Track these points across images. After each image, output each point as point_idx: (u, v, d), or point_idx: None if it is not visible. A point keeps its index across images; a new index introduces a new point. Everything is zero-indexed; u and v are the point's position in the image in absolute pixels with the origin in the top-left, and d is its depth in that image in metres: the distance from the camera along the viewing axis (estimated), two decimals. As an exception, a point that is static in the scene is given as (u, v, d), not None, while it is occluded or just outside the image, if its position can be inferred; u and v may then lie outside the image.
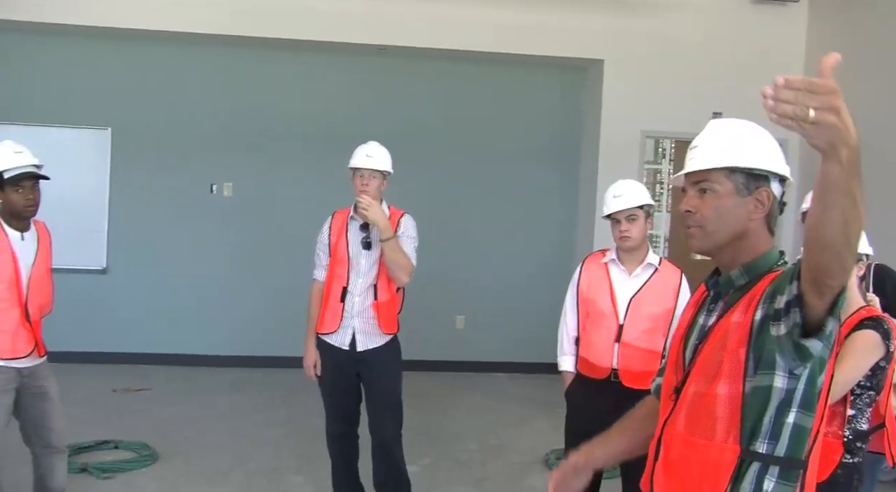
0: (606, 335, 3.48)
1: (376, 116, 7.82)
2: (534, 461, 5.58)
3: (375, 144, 4.15)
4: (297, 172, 7.96)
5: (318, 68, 8.00)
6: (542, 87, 8.26)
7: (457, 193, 8.14)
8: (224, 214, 7.95)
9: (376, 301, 4.09)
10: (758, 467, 1.75)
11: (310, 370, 4.20)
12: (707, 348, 1.83)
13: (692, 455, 1.82)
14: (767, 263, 1.84)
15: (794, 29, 7.82)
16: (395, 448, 4.17)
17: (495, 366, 8.16)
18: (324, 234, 4.22)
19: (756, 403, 1.73)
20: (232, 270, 7.97)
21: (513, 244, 8.25)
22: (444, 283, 7.63)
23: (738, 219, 1.84)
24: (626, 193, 3.51)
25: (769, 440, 1.74)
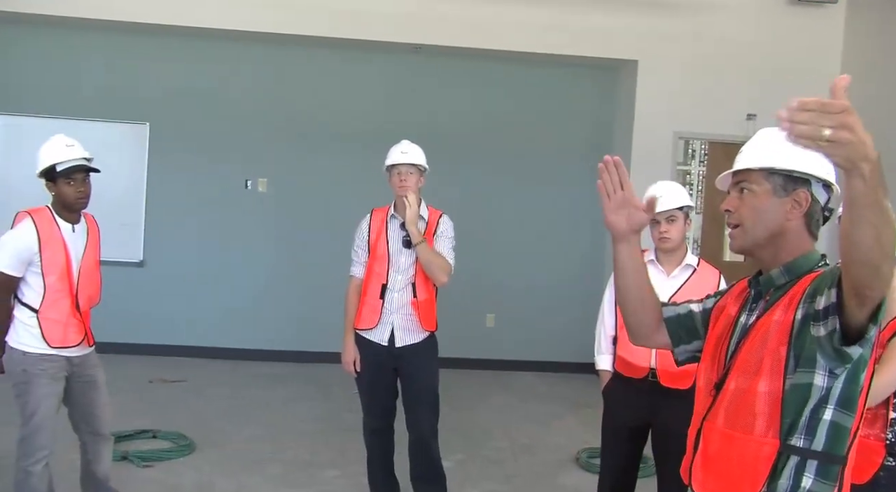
0: (645, 335, 3.51)
1: (409, 115, 7.89)
2: (564, 459, 5.62)
3: (408, 141, 4.22)
4: (331, 169, 8.05)
5: (353, 66, 8.08)
6: (576, 88, 8.29)
7: (489, 192, 8.19)
8: (258, 209, 8.05)
9: (415, 299, 4.15)
10: (796, 461, 1.78)
11: (349, 366, 4.26)
12: (748, 346, 1.88)
13: (731, 449, 1.86)
14: (808, 264, 1.89)
15: (830, 30, 7.78)
16: (433, 443, 4.24)
17: (524, 364, 8.21)
18: (363, 231, 4.27)
19: (796, 399, 1.78)
20: (267, 266, 8.08)
21: (544, 244, 8.29)
22: (475, 281, 7.68)
23: (776, 218, 1.88)
24: (667, 195, 3.53)
25: (806, 435, 1.78)
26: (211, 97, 7.96)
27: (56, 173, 3.64)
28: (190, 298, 8.00)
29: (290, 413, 6.34)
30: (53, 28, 7.66)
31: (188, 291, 8.00)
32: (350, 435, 5.11)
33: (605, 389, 3.72)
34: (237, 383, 7.16)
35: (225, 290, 8.04)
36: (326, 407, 6.47)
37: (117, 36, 7.78)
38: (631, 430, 3.60)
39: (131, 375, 6.97)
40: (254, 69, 8.01)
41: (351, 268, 4.32)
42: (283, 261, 8.08)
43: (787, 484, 1.79)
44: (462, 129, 8.14)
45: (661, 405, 3.46)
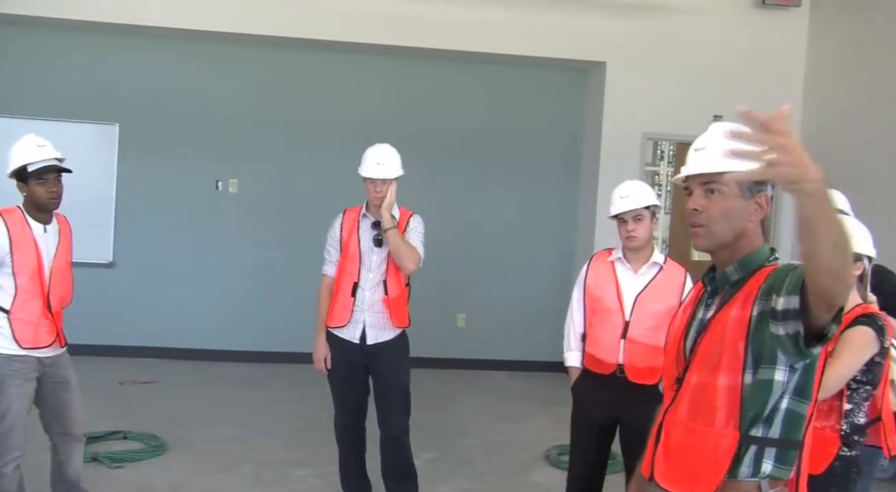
0: (613, 332, 3.58)
1: (382, 116, 7.94)
2: (536, 457, 5.69)
3: (385, 148, 4.20)
4: (303, 170, 8.07)
5: (325, 67, 8.11)
6: (545, 89, 8.37)
7: (458, 192, 8.25)
8: (229, 210, 8.06)
9: (387, 297, 4.20)
10: (755, 449, 1.87)
11: (320, 364, 4.30)
12: (706, 341, 1.95)
13: (693, 441, 1.93)
14: (759, 259, 1.96)
15: (795, 33, 7.95)
16: (404, 440, 4.29)
17: (496, 364, 8.28)
18: (335, 230, 4.32)
19: (758, 394, 1.85)
20: (238, 267, 8.08)
21: (513, 243, 8.36)
22: (446, 281, 7.74)
23: (741, 220, 1.95)
24: (633, 194, 3.60)
25: (764, 424, 1.86)
26: (181, 98, 7.96)
27: (27, 173, 3.65)
28: (160, 299, 7.98)
29: (263, 413, 6.35)
30: (22, 29, 7.61)
31: (159, 293, 7.99)
32: (322, 434, 5.13)
33: (574, 385, 3.78)
34: (209, 384, 7.16)
35: (196, 291, 8.03)
36: (298, 407, 6.50)
37: (87, 37, 7.76)
38: (600, 426, 3.66)
39: (101, 376, 6.94)
40: (225, 70, 8.02)
41: (323, 266, 4.36)
42: (255, 262, 8.08)
43: (748, 471, 1.87)
44: (434, 129, 8.20)
45: (629, 401, 3.52)
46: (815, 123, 7.76)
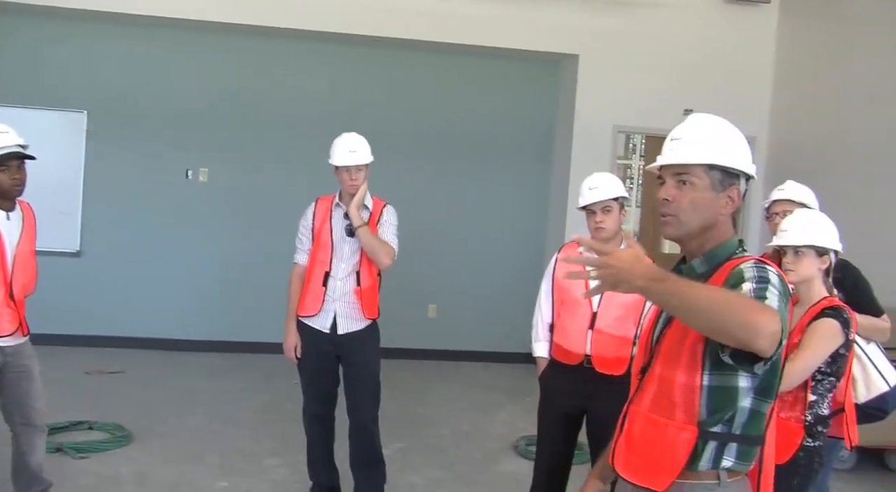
0: (580, 322, 3.58)
1: (353, 105, 7.90)
2: (504, 447, 5.70)
3: (354, 136, 4.20)
4: (275, 160, 8.00)
5: (295, 57, 8.04)
6: (518, 81, 8.36)
7: (429, 183, 8.22)
8: (199, 199, 7.97)
9: (359, 287, 4.18)
10: (715, 445, 1.87)
11: (290, 352, 4.27)
12: (670, 334, 1.94)
13: (654, 432, 1.93)
14: (727, 252, 1.96)
15: (764, 29, 8.00)
16: (373, 430, 4.27)
17: (466, 354, 8.28)
18: (307, 219, 4.29)
19: (720, 398, 1.85)
20: (208, 256, 8.01)
21: (484, 235, 8.36)
22: (417, 272, 7.71)
23: (711, 212, 1.94)
24: (602, 185, 3.61)
25: (724, 423, 1.86)
26: (151, 86, 7.85)
27: (-11, 160, 3.58)
28: (129, 288, 7.89)
29: (232, 403, 6.30)
30: (-13, 12, 7.47)
31: (127, 282, 7.89)
32: (291, 424, 5.10)
33: (542, 375, 3.77)
34: (178, 374, 7.09)
35: (165, 281, 7.95)
36: (268, 397, 6.45)
37: (54, 23, 7.63)
38: (567, 416, 3.66)
39: (68, 367, 6.86)
40: (196, 59, 7.92)
41: (295, 255, 4.33)
42: (225, 251, 8.01)
43: (707, 465, 1.87)
44: (405, 121, 8.16)
45: (596, 391, 3.52)
46: (783, 117, 7.82)
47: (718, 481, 1.89)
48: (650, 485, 1.91)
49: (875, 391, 3.25)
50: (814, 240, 3.02)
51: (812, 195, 3.74)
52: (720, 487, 1.89)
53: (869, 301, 3.58)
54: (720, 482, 1.89)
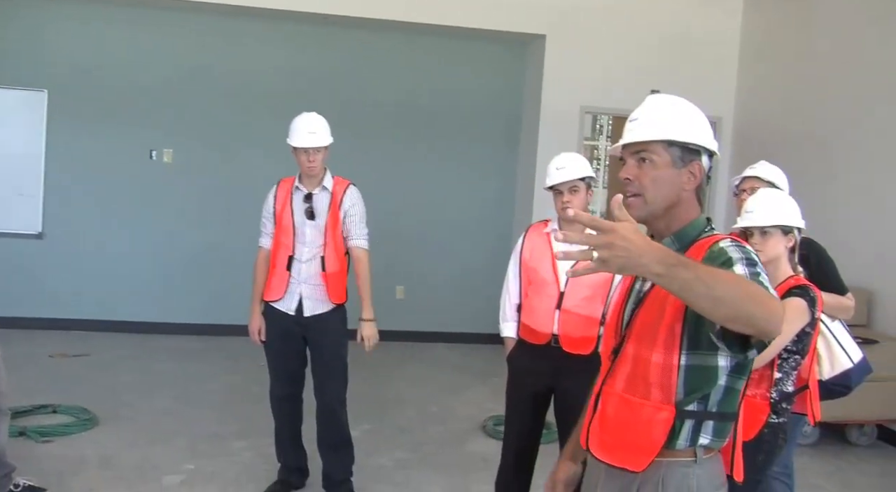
0: (547, 302, 3.57)
1: (320, 85, 7.82)
2: (472, 428, 5.70)
3: (314, 117, 4.13)
4: (239, 140, 7.90)
5: (261, 36, 7.92)
6: (485, 61, 8.31)
7: (397, 164, 8.17)
8: (164, 180, 7.85)
9: (325, 272, 4.14)
10: (692, 423, 1.86)
11: (255, 336, 4.24)
12: (643, 314, 1.92)
13: (629, 413, 1.91)
14: (696, 230, 1.94)
15: (730, 10, 8.01)
16: (340, 411, 4.26)
17: (434, 336, 8.26)
18: (269, 202, 4.23)
19: (699, 377, 1.84)
20: (174, 238, 7.90)
21: (452, 216, 8.33)
22: (384, 253, 7.62)
23: (673, 189, 1.93)
24: (569, 166, 3.59)
25: (701, 401, 1.85)
26: (114, 65, 7.70)
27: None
28: (93, 270, 7.77)
29: (199, 386, 6.24)
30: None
31: (91, 264, 7.77)
32: (258, 407, 5.06)
33: (510, 355, 3.76)
34: (144, 357, 7.00)
35: (130, 263, 7.83)
36: (235, 379, 6.40)
37: (14, 0, 7.45)
38: (534, 396, 3.66)
39: (31, 350, 6.75)
40: (159, 36, 7.78)
41: (259, 239, 4.28)
42: (191, 233, 7.91)
43: (685, 444, 1.87)
44: (370, 100, 8.09)
45: (563, 371, 3.52)
46: (748, 98, 7.86)
47: (695, 458, 1.89)
48: (627, 465, 1.90)
49: (839, 368, 3.29)
50: (779, 219, 3.03)
51: (783, 176, 3.75)
52: (696, 464, 1.89)
53: (833, 279, 3.61)
54: (696, 460, 1.89)
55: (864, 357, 3.38)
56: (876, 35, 6.26)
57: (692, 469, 1.89)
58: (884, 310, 5.96)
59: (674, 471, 1.89)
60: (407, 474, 4.78)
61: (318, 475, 4.37)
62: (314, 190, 4.15)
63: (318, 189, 4.16)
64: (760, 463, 2.92)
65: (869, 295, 5.95)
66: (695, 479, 1.89)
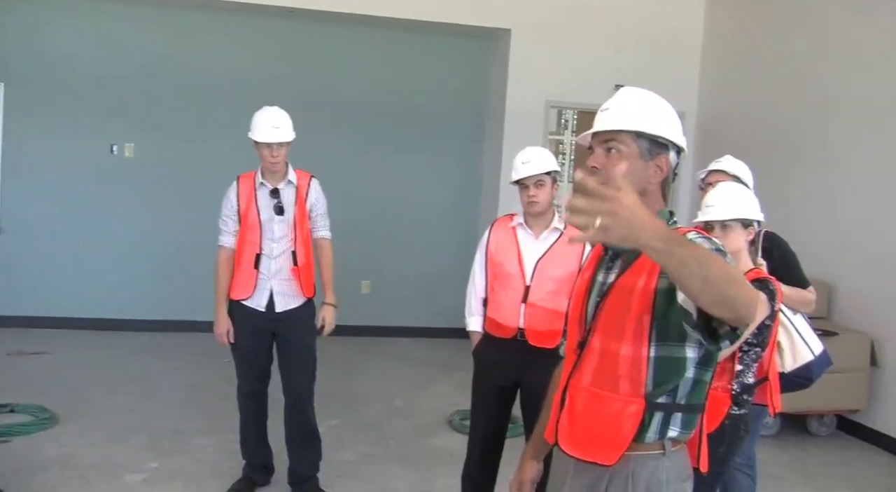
0: (513, 296, 3.57)
1: (281, 80, 7.76)
2: (437, 422, 5.71)
3: (277, 111, 4.10)
4: (202, 134, 7.80)
5: (224, 30, 7.84)
6: (450, 56, 8.30)
7: (362, 159, 8.13)
8: (125, 175, 7.74)
9: (296, 266, 4.12)
10: (661, 416, 1.87)
11: (222, 338, 4.18)
12: (608, 307, 1.92)
13: (598, 407, 1.91)
14: None
15: (694, 6, 8.07)
16: (309, 406, 4.24)
17: (400, 330, 8.25)
18: (231, 200, 4.16)
19: (667, 369, 1.84)
20: (136, 233, 7.79)
21: (417, 210, 8.31)
22: (349, 248, 7.59)
23: (639, 180, 1.92)
24: (534, 160, 3.59)
25: (669, 393, 1.87)
26: (72, 58, 7.57)
27: None
28: (53, 267, 7.64)
29: (162, 382, 6.18)
30: None
31: (51, 260, 7.64)
32: (222, 403, 5.03)
33: (476, 349, 3.76)
34: (106, 354, 6.91)
35: (92, 259, 7.72)
36: (199, 375, 6.34)
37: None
38: (500, 389, 3.66)
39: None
40: (119, 29, 7.66)
41: (219, 238, 4.21)
42: (153, 228, 7.80)
43: (654, 437, 1.88)
44: (336, 94, 8.04)
45: (529, 365, 3.52)
46: (711, 93, 7.93)
47: (663, 450, 1.90)
48: (598, 460, 1.90)
49: (801, 360, 3.33)
50: (739, 213, 3.05)
51: (747, 170, 3.78)
52: (665, 457, 1.90)
53: (796, 273, 3.66)
54: (665, 452, 1.90)
55: (825, 350, 3.43)
56: (839, 32, 6.34)
57: (661, 462, 1.90)
58: (843, 302, 6.05)
59: (644, 464, 1.90)
60: (373, 469, 4.77)
61: (284, 472, 4.34)
62: (280, 185, 4.12)
63: (284, 184, 4.13)
64: (722, 455, 2.95)
65: (829, 288, 6.04)
66: (664, 471, 1.90)
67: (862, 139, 6.02)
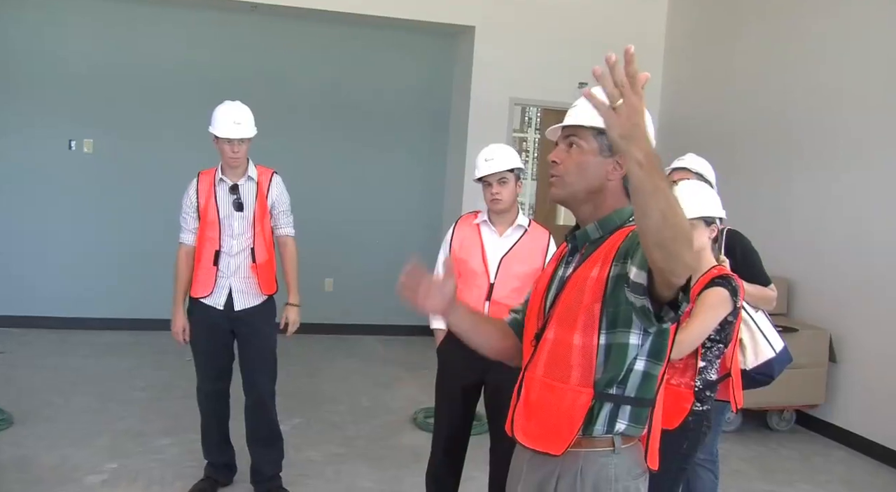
0: (478, 294, 3.57)
1: (241, 76, 7.66)
2: (402, 420, 5.69)
3: (239, 106, 4.05)
4: (163, 129, 7.68)
5: (182, 23, 7.74)
6: (414, 52, 8.28)
7: (325, 156, 8.08)
8: (84, 171, 7.61)
9: (255, 263, 4.08)
10: (610, 407, 1.88)
11: (179, 336, 4.15)
12: (564, 298, 1.94)
13: (550, 397, 1.93)
14: (620, 218, 1.96)
15: (656, 5, 8.13)
16: (270, 404, 4.20)
17: (364, 328, 8.22)
18: (190, 197, 4.12)
19: (614, 356, 1.86)
20: (96, 230, 7.67)
21: (381, 207, 8.28)
22: (312, 245, 7.50)
23: (597, 176, 1.95)
24: (498, 157, 3.59)
25: (619, 385, 1.87)
26: (27, 53, 7.42)
27: None
28: (10, 265, 7.49)
29: (123, 383, 6.09)
30: None
31: (8, 259, 7.49)
32: (184, 403, 4.96)
33: (440, 348, 3.75)
34: (64, 354, 6.80)
35: (50, 256, 7.58)
36: (161, 375, 6.26)
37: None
38: (464, 387, 3.66)
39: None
40: (77, 21, 7.53)
41: (180, 235, 4.18)
42: (114, 225, 7.67)
43: (602, 429, 1.89)
44: (298, 92, 7.98)
45: (493, 363, 3.47)
46: (673, 94, 7.99)
47: (613, 447, 1.91)
48: (548, 449, 1.92)
49: (762, 357, 3.37)
50: (702, 211, 3.07)
51: (709, 167, 3.80)
52: (615, 454, 1.91)
53: (758, 270, 3.69)
54: (615, 449, 1.91)
55: (786, 346, 3.47)
56: (797, 35, 6.41)
57: (611, 459, 1.91)
58: (802, 299, 6.14)
59: (592, 461, 1.91)
60: (338, 469, 4.74)
61: (246, 472, 4.30)
62: (239, 181, 4.08)
63: (244, 180, 4.09)
64: (685, 450, 2.96)
65: (788, 284, 6.12)
66: (613, 468, 1.91)
67: (821, 136, 6.10)
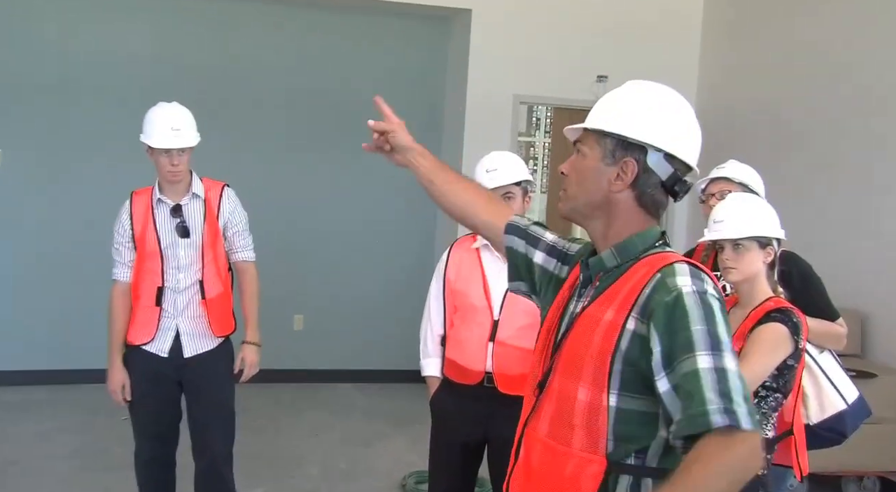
0: (479, 333, 3.55)
1: (193, 71, 7.65)
2: (390, 487, 5.66)
3: (177, 109, 4.04)
4: (88, 138, 7.59)
5: (122, 9, 7.70)
6: (401, 41, 8.30)
7: (293, 165, 8.06)
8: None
9: (205, 299, 4.06)
10: (628, 480, 1.83)
11: (117, 395, 4.10)
12: (571, 341, 1.91)
13: (553, 463, 1.89)
14: (643, 243, 1.93)
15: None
16: (225, 470, 4.17)
17: (340, 374, 8.19)
18: (123, 223, 4.09)
19: (631, 422, 1.81)
20: (8, 262, 7.57)
21: (361, 229, 8.25)
22: (279, 275, 7.51)
23: (597, 187, 1.94)
24: (502, 168, 3.59)
25: (637, 454, 1.83)
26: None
27: None
28: None
29: (42, 449, 6.03)
30: None
31: None
32: (117, 473, 4.90)
33: (434, 399, 3.76)
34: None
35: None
36: (89, 439, 6.20)
37: None
38: (464, 446, 3.65)
39: None
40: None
41: (112, 270, 4.14)
42: (29, 255, 7.55)
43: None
44: (262, 90, 7.96)
45: (498, 416, 3.50)
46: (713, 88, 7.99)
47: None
48: None
49: (831, 410, 3.31)
50: (755, 230, 3.04)
51: (757, 176, 3.77)
52: None
53: (821, 301, 3.59)
54: None
55: (861, 396, 3.40)
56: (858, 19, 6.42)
57: None
58: (881, 336, 5.98)
59: None
60: (308, 549, 4.70)
61: (196, 555, 4.25)
62: (182, 200, 4.04)
63: (188, 198, 4.06)
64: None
65: (863, 318, 6.02)
66: None
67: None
